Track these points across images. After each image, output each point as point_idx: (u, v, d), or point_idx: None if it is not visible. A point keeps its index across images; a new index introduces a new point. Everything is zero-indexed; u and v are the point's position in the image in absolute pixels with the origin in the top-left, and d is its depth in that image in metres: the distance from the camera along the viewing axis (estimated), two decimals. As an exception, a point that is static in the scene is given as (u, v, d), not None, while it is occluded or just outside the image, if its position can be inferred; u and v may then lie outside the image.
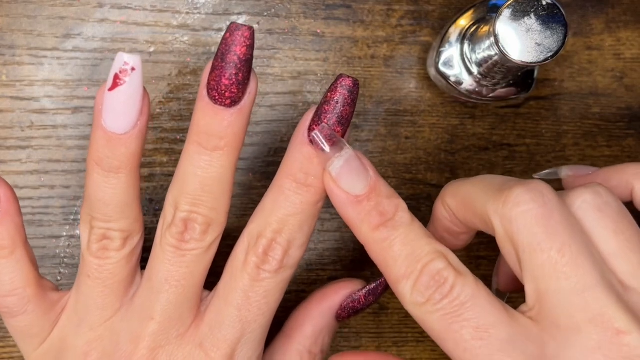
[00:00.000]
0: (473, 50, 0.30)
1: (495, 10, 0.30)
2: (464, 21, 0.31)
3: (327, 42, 0.33)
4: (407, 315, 0.34)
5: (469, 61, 0.30)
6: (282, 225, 0.25)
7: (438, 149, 0.33)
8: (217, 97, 0.24)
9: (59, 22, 0.31)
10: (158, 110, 0.32)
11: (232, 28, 0.23)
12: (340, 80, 0.25)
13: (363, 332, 0.34)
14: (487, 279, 0.34)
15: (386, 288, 0.29)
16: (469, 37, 0.30)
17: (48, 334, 0.27)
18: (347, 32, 0.33)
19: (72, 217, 0.32)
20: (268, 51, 0.32)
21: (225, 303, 0.26)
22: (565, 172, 0.31)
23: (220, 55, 0.23)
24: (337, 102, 0.24)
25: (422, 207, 0.34)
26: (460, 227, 0.27)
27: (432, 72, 0.32)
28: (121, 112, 0.23)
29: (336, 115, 0.25)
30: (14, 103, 0.31)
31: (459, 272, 0.23)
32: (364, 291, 0.29)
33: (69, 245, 0.32)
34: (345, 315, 0.29)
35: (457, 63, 0.31)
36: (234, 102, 0.24)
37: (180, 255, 0.25)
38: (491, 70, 0.29)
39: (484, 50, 0.29)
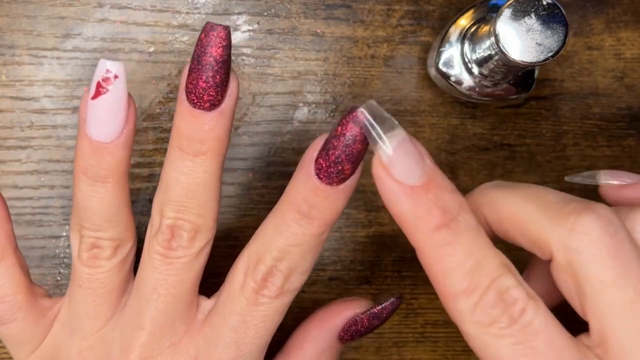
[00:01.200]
0: (473, 50, 0.30)
1: (496, 10, 0.30)
2: (464, 21, 0.31)
3: (327, 42, 0.33)
4: (407, 315, 0.34)
5: (469, 61, 0.30)
6: (282, 254, 0.24)
7: (438, 149, 0.33)
8: (195, 101, 0.23)
9: (58, 22, 0.31)
10: (158, 110, 0.32)
11: (207, 28, 0.22)
12: (353, 114, 0.22)
13: (363, 332, 0.34)
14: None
15: (392, 312, 0.27)
16: (469, 37, 0.30)
17: (41, 341, 0.26)
18: (347, 32, 0.33)
19: (72, 217, 0.32)
20: (268, 51, 0.32)
21: (222, 323, 0.25)
22: (606, 179, 0.27)
23: (196, 57, 0.22)
24: (347, 138, 0.22)
25: (422, 207, 0.34)
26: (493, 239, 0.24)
27: (432, 72, 0.32)
28: (105, 120, 0.23)
29: (347, 154, 0.22)
30: (14, 103, 0.31)
31: (530, 295, 0.20)
32: (367, 314, 0.27)
33: (69, 245, 0.32)
34: (348, 338, 0.28)
35: (457, 63, 0.31)
36: (213, 105, 0.23)
37: (168, 263, 0.25)
38: (491, 70, 0.29)
39: (484, 50, 0.29)
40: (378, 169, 0.21)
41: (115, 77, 0.22)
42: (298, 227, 0.24)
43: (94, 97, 0.22)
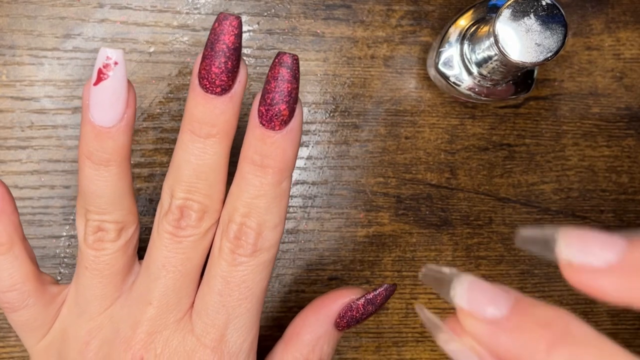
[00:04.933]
0: (473, 51, 0.30)
1: (495, 10, 0.30)
2: (463, 21, 0.31)
3: (327, 42, 0.33)
4: (407, 315, 0.34)
5: (469, 61, 0.30)
6: (248, 208, 0.25)
7: (438, 149, 0.33)
8: (207, 86, 0.24)
9: (59, 22, 0.31)
10: (158, 110, 0.32)
11: (221, 18, 0.23)
12: (279, 57, 0.24)
13: (363, 332, 0.34)
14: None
15: (386, 299, 0.28)
16: (469, 37, 0.30)
17: (50, 327, 0.27)
18: (347, 32, 0.33)
19: (72, 217, 0.32)
20: (268, 51, 0.32)
21: (208, 289, 0.26)
22: (567, 249, 0.18)
23: (210, 45, 0.24)
24: (277, 80, 0.24)
25: (422, 207, 0.34)
26: None
27: (432, 72, 0.32)
28: (107, 105, 0.24)
29: (279, 94, 0.24)
30: (14, 103, 0.31)
31: None
32: (362, 300, 0.28)
33: (69, 245, 0.32)
34: (344, 324, 0.29)
35: (456, 63, 0.31)
36: (224, 89, 0.24)
37: (177, 241, 0.26)
38: (491, 70, 0.29)
39: (484, 50, 0.29)
40: (466, 318, 0.19)
41: (115, 63, 0.23)
42: (255, 178, 0.25)
43: (95, 83, 0.23)
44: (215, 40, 0.23)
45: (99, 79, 0.23)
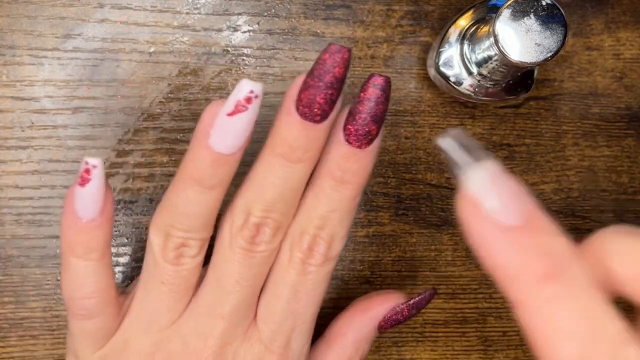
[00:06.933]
0: (473, 51, 0.30)
1: (495, 10, 0.30)
2: (463, 21, 0.31)
3: (327, 42, 0.33)
4: (407, 315, 0.34)
5: (469, 61, 0.30)
6: (323, 221, 0.26)
7: (438, 149, 0.33)
8: (307, 113, 0.24)
9: (59, 22, 0.31)
10: (158, 111, 0.32)
11: (333, 50, 0.23)
12: (372, 79, 0.25)
13: (363, 332, 0.34)
14: (487, 279, 0.34)
15: (428, 302, 0.29)
16: (469, 37, 0.30)
17: (111, 337, 0.27)
18: (347, 32, 0.33)
19: (72, 217, 0.32)
20: (268, 51, 0.32)
21: (275, 297, 0.27)
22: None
23: (318, 75, 0.24)
24: (370, 101, 0.24)
25: (422, 207, 0.34)
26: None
27: (432, 72, 0.32)
28: (233, 135, 0.24)
29: (371, 115, 0.25)
30: (14, 103, 0.31)
31: None
32: (407, 304, 0.29)
33: (69, 245, 0.32)
34: (387, 327, 0.29)
35: (456, 63, 0.31)
36: (323, 118, 0.24)
37: (250, 257, 0.26)
38: (491, 70, 0.29)
39: (484, 50, 0.29)
40: (466, 205, 0.17)
41: (256, 97, 0.23)
42: (335, 193, 0.26)
43: (231, 114, 0.23)
44: (324, 71, 0.24)
45: (237, 110, 0.23)
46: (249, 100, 0.23)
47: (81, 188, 0.25)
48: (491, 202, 0.17)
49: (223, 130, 0.24)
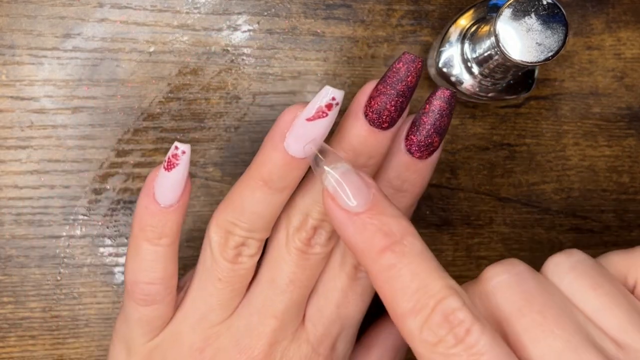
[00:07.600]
0: (473, 50, 0.30)
1: (496, 10, 0.30)
2: (464, 21, 0.31)
3: (327, 42, 0.33)
4: (408, 315, 0.34)
5: (469, 61, 0.30)
6: None
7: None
8: (376, 120, 0.25)
9: (58, 22, 0.31)
10: (158, 110, 0.32)
11: (407, 59, 0.24)
12: (439, 92, 0.25)
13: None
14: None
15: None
16: (469, 37, 0.30)
17: (164, 328, 0.28)
18: (347, 32, 0.33)
19: (72, 217, 0.32)
20: (268, 51, 0.32)
21: (325, 301, 0.27)
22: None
23: (391, 83, 0.24)
24: (435, 113, 0.25)
25: (422, 206, 0.34)
26: None
27: (432, 72, 0.32)
28: (307, 138, 0.24)
29: (435, 127, 0.25)
30: (14, 103, 0.31)
31: (476, 316, 0.20)
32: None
33: (68, 245, 0.32)
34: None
35: (457, 63, 0.31)
36: (390, 125, 0.25)
37: (305, 258, 0.26)
38: (491, 70, 0.29)
39: (485, 50, 0.29)
40: (326, 199, 0.22)
41: (337, 104, 0.24)
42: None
43: (311, 119, 0.24)
44: (397, 80, 0.24)
45: (317, 116, 0.23)
46: (330, 106, 0.23)
47: (166, 172, 0.25)
48: (341, 195, 0.21)
49: (300, 134, 0.24)
